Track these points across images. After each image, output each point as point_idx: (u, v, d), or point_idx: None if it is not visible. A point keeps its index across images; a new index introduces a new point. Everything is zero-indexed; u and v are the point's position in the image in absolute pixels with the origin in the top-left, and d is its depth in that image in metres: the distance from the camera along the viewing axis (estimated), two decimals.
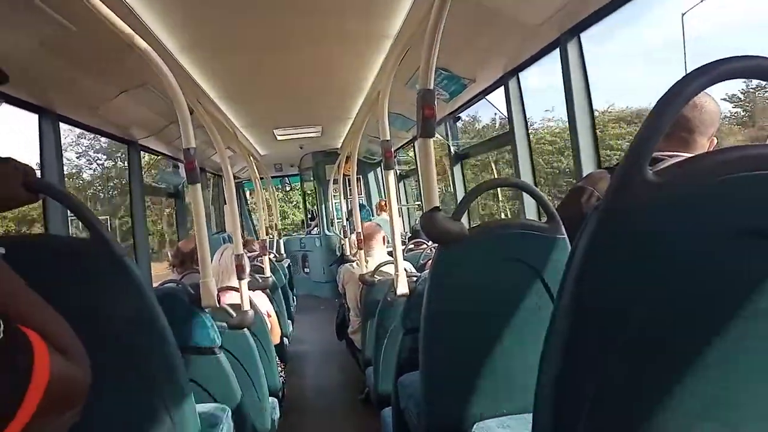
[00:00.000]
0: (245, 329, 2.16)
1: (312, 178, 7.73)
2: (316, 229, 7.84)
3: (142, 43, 1.60)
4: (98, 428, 0.95)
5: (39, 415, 0.54)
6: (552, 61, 2.65)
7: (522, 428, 1.18)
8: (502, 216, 10.12)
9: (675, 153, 1.28)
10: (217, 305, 1.76)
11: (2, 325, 0.54)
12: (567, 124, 2.57)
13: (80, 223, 1.12)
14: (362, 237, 3.18)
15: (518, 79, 3.09)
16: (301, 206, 8.61)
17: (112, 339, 1.11)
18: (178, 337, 1.24)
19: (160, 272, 6.02)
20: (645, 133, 0.67)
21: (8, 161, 1.00)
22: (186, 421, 1.22)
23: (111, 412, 1.08)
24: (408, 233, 6.09)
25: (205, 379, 1.57)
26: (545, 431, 0.77)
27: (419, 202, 6.50)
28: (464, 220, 1.51)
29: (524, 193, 3.08)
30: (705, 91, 1.02)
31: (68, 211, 2.72)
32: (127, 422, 1.15)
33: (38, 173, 2.09)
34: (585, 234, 0.70)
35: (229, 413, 1.66)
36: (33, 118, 2.66)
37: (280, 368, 3.12)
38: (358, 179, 6.74)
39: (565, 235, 1.42)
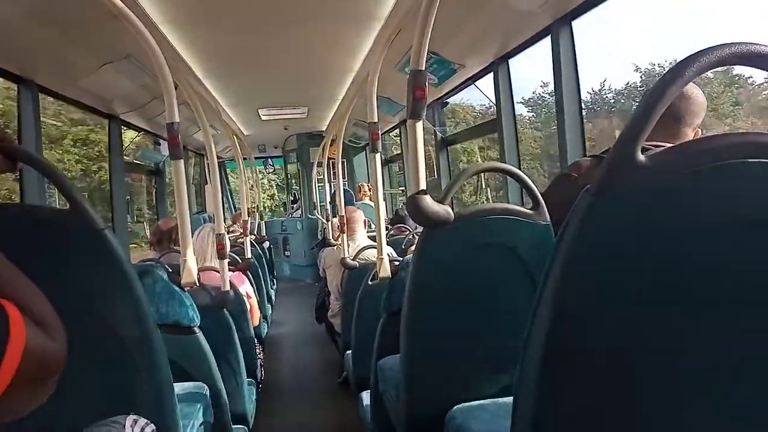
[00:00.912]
0: (224, 310, 2.14)
1: (296, 160, 7.67)
2: (298, 212, 7.80)
3: (128, 14, 1.55)
4: (73, 400, 0.93)
5: (15, 384, 0.54)
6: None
7: (502, 412, 1.18)
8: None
9: (660, 143, 1.28)
10: (197, 284, 1.74)
11: None
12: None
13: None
14: (345, 221, 3.16)
15: (508, 65, 3.08)
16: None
17: (89, 312, 1.08)
18: (157, 315, 1.22)
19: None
20: (638, 116, 0.66)
21: None
22: (163, 397, 1.20)
23: (86, 384, 1.06)
24: (389, 218, 6.09)
25: (183, 358, 1.55)
26: (526, 415, 0.77)
27: (402, 188, 6.49)
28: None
29: (509, 180, 3.10)
30: None
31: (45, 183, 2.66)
32: (102, 396, 1.14)
33: None
34: (574, 217, 0.70)
35: (208, 392, 1.65)
36: None
37: (258, 350, 3.11)
38: (342, 163, 6.71)
39: (550, 221, 1.43)
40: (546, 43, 2.59)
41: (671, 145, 0.73)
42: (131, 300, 1.15)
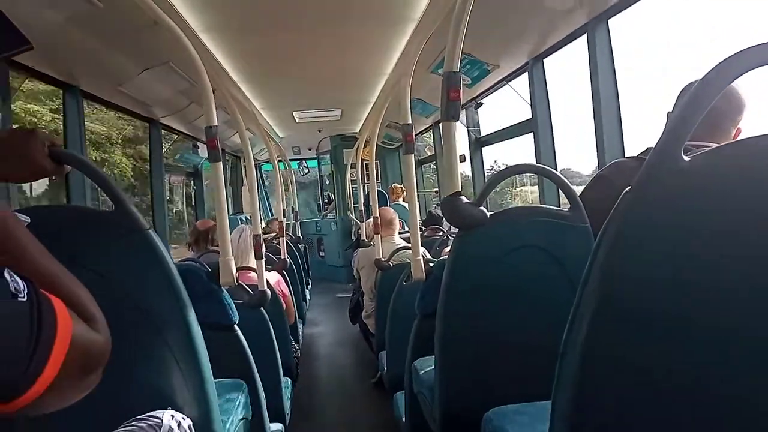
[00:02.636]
0: (261, 308, 2.18)
1: (330, 162, 7.73)
2: (332, 213, 7.86)
3: (168, 21, 1.60)
4: (115, 395, 0.96)
5: (62, 375, 0.56)
6: None
7: (539, 415, 1.17)
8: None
9: (701, 143, 1.24)
10: (236, 283, 1.78)
11: (27, 289, 0.55)
12: None
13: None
14: (379, 222, 3.17)
15: (543, 65, 3.05)
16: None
17: (133, 310, 1.12)
18: (197, 313, 1.25)
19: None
20: (681, 117, 0.65)
21: (34, 132, 1.01)
22: (204, 393, 1.23)
23: (128, 379, 1.09)
24: (422, 220, 6.07)
25: (222, 356, 1.59)
26: (564, 419, 0.76)
27: (436, 189, 6.47)
28: None
29: (545, 182, 3.06)
30: None
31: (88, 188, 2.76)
32: (144, 390, 1.17)
33: None
34: (614, 219, 0.69)
35: (246, 389, 1.68)
36: None
37: (294, 348, 3.15)
38: (375, 164, 6.73)
39: (588, 223, 1.40)
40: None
41: (715, 145, 0.72)
42: (174, 298, 1.18)
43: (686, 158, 0.65)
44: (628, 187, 0.69)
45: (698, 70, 0.66)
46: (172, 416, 1.12)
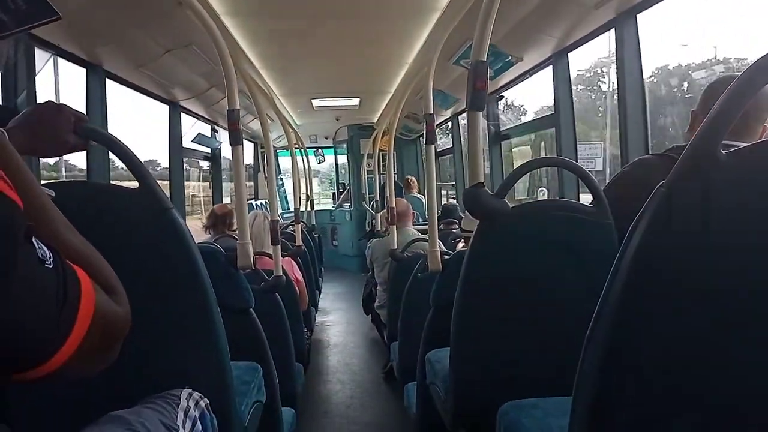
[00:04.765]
0: (276, 293, 2.18)
1: (346, 152, 7.73)
2: (346, 203, 7.87)
3: (192, 2, 1.59)
4: (132, 371, 0.97)
5: (83, 346, 0.56)
6: None
7: (555, 410, 1.16)
8: None
9: (731, 143, 1.21)
10: (253, 267, 1.78)
11: (52, 257, 0.55)
12: None
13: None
14: (395, 213, 3.16)
15: (567, 59, 3.00)
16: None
17: (153, 287, 1.12)
18: (215, 295, 1.25)
19: None
20: (720, 112, 0.63)
21: (60, 107, 1.02)
22: (221, 375, 1.24)
23: (146, 357, 1.10)
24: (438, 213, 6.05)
25: (238, 338, 1.59)
26: (584, 415, 0.75)
27: (452, 183, 6.44)
28: None
29: (565, 176, 3.03)
30: None
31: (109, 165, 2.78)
32: (161, 369, 1.18)
33: None
34: (647, 215, 0.68)
35: (261, 371, 1.69)
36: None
37: (306, 335, 3.17)
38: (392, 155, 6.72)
39: (612, 220, 1.38)
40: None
41: (740, 144, 0.70)
42: (194, 278, 1.18)
43: (724, 153, 0.64)
44: (662, 181, 0.67)
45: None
46: (190, 395, 1.13)
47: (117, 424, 0.94)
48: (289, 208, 7.83)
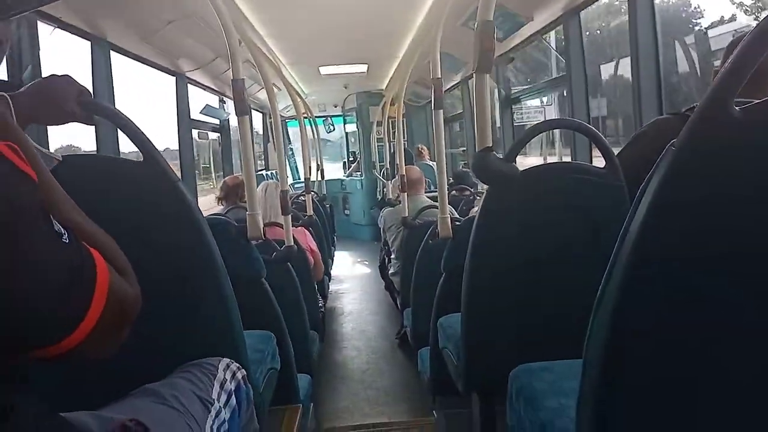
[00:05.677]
0: (288, 263, 2.19)
1: (355, 120, 7.66)
2: (357, 171, 7.84)
3: None
4: (146, 346, 0.98)
5: (98, 327, 0.56)
6: None
7: (566, 373, 1.16)
8: None
9: (745, 99, 1.17)
10: (263, 238, 1.79)
11: (67, 234, 0.55)
12: None
13: None
14: (406, 180, 3.15)
15: (579, 18, 2.91)
16: None
17: (163, 261, 1.13)
18: (225, 266, 1.26)
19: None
20: (732, 68, 0.61)
21: (65, 77, 1.01)
22: (234, 344, 1.25)
23: (160, 330, 1.11)
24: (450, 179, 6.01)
25: (251, 308, 1.61)
26: (595, 377, 0.75)
27: (464, 148, 6.38)
28: None
29: (577, 139, 2.98)
30: None
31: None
32: (175, 341, 1.19)
33: None
34: (657, 173, 0.66)
35: (275, 340, 1.72)
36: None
37: (321, 304, 3.20)
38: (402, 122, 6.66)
39: (623, 182, 1.36)
40: None
41: (758, 101, 0.67)
42: (203, 249, 1.19)
43: (737, 110, 0.61)
44: (673, 140, 0.65)
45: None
46: (228, 366, 1.14)
47: (152, 397, 0.95)
48: (300, 179, 7.83)
